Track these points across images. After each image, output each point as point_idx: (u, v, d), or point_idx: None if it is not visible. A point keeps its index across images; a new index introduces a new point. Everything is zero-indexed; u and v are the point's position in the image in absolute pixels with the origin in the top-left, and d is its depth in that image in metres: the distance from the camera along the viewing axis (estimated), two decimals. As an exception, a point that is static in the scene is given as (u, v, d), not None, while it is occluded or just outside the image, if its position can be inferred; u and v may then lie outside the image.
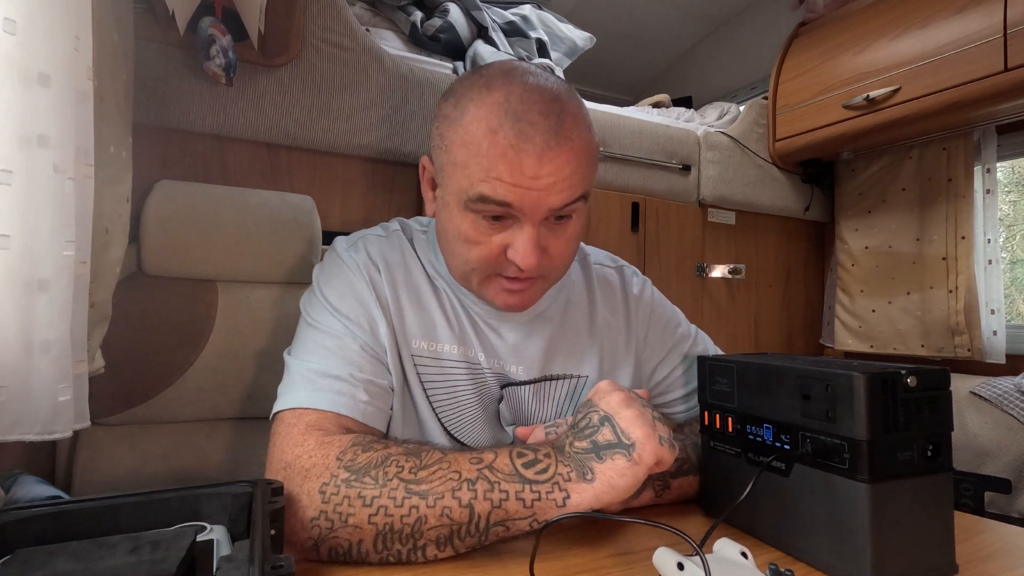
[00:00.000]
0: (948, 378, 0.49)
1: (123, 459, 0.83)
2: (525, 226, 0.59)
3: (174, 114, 0.97)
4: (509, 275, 0.62)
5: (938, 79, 1.35)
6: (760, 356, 0.63)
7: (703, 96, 2.21)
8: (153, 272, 0.86)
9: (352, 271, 0.67)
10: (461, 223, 0.61)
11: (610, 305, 0.79)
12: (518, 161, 0.56)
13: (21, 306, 0.50)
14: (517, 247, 0.59)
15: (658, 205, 1.60)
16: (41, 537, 0.42)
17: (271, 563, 0.36)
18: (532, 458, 0.51)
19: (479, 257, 0.62)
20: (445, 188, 0.62)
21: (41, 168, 0.50)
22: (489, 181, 0.57)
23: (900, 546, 0.47)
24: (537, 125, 0.57)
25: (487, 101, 0.58)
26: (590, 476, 0.49)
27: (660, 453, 0.49)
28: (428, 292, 0.69)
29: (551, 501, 0.49)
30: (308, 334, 0.64)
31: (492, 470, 0.50)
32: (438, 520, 0.48)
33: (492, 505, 0.49)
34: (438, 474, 0.50)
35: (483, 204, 0.58)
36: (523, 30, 1.42)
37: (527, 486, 0.49)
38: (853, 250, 1.82)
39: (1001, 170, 1.75)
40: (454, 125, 0.60)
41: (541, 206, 0.58)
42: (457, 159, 0.59)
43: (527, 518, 0.49)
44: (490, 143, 0.57)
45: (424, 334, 0.67)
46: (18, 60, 0.48)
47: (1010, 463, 1.41)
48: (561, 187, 0.58)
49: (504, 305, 0.66)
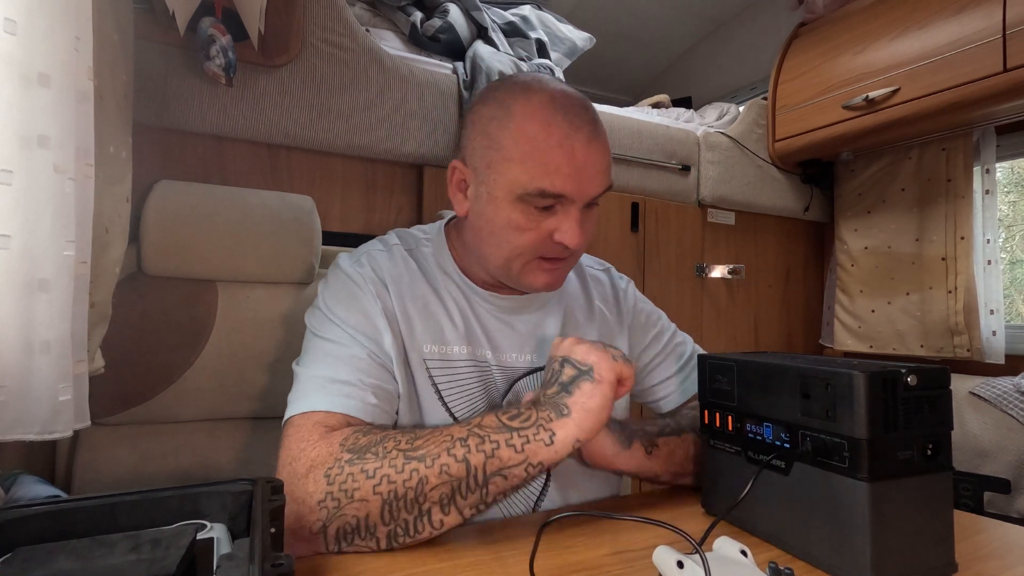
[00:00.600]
0: (948, 377, 0.49)
1: (123, 459, 0.83)
2: (571, 210, 0.66)
3: (174, 114, 0.97)
4: (551, 256, 0.68)
5: (937, 79, 1.35)
6: (760, 355, 0.63)
7: (703, 96, 2.22)
8: (153, 272, 0.86)
9: (357, 285, 0.69)
10: (511, 214, 0.66)
11: (603, 298, 0.85)
12: (571, 149, 0.63)
13: (21, 306, 0.50)
14: (565, 230, 0.66)
15: (658, 205, 1.60)
16: (41, 536, 0.42)
17: (271, 561, 0.36)
18: (515, 412, 0.56)
19: (528, 242, 0.67)
20: (492, 183, 0.66)
21: (41, 168, 0.50)
22: (548, 175, 0.63)
23: (900, 544, 0.47)
24: (582, 118, 0.65)
25: (534, 101, 0.65)
26: (566, 411, 0.54)
27: (617, 367, 0.56)
28: (434, 299, 0.72)
29: (539, 442, 0.53)
30: (315, 344, 0.66)
31: (481, 427, 0.55)
32: (438, 479, 0.52)
33: (486, 456, 0.52)
34: (432, 439, 0.54)
35: (541, 198, 0.64)
36: (523, 30, 1.43)
37: (514, 433, 0.54)
38: (852, 250, 1.83)
39: (1000, 170, 1.75)
40: (502, 123, 0.66)
41: (587, 192, 0.66)
42: (512, 155, 0.64)
43: (521, 463, 0.53)
44: (546, 135, 0.63)
45: (433, 338, 0.70)
46: (18, 60, 0.49)
47: (1009, 463, 1.41)
48: (602, 175, 0.67)
49: (545, 284, 0.70)
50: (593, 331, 0.81)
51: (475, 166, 0.69)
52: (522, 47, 1.40)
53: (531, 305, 0.76)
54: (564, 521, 0.60)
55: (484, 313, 0.74)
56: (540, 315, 0.77)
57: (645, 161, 1.56)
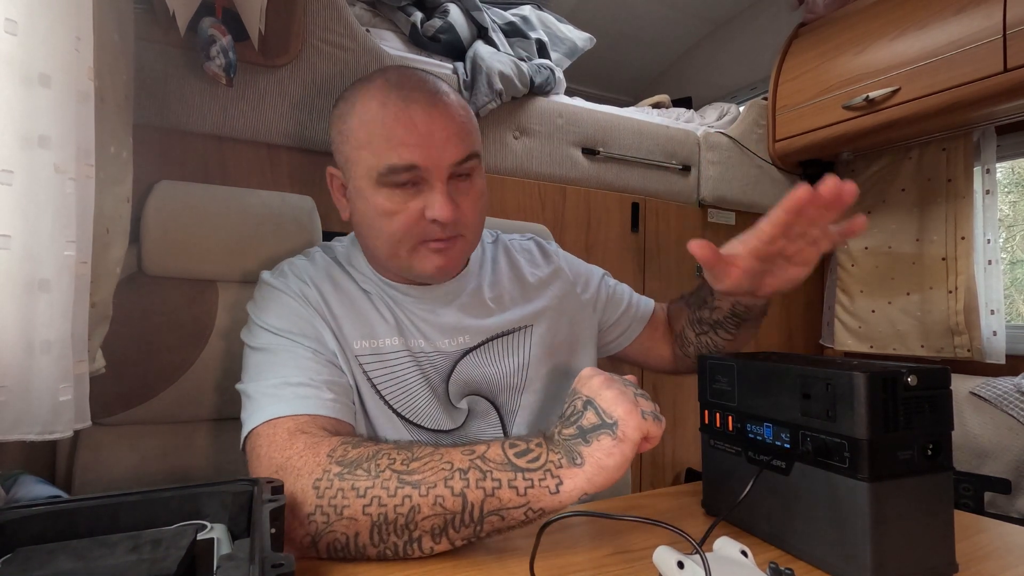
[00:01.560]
0: (948, 377, 0.49)
1: (123, 459, 0.83)
2: (435, 183, 0.65)
3: (174, 114, 0.97)
4: (432, 238, 0.67)
5: (938, 80, 1.35)
6: (760, 355, 0.63)
7: (703, 96, 2.21)
8: (153, 272, 0.86)
9: (284, 292, 0.69)
10: (376, 200, 0.66)
11: (533, 265, 0.85)
12: (410, 120, 0.64)
13: (22, 306, 0.50)
14: (432, 204, 0.65)
15: (658, 205, 1.60)
16: (42, 536, 0.42)
17: (271, 561, 0.36)
18: (523, 448, 0.51)
19: (401, 226, 0.66)
20: (355, 176, 0.67)
21: (42, 168, 0.50)
22: (393, 149, 0.63)
23: (900, 545, 0.47)
24: (418, 89, 0.66)
25: (370, 87, 0.67)
26: (579, 460, 0.50)
27: (644, 427, 0.50)
28: (360, 296, 0.72)
29: (544, 488, 0.49)
30: (255, 358, 0.65)
31: (484, 460, 0.50)
32: (431, 509, 0.49)
33: (485, 494, 0.49)
34: (430, 464, 0.50)
35: (393, 174, 0.64)
36: (523, 31, 1.43)
37: (519, 474, 0.50)
38: (853, 250, 1.83)
39: (1001, 170, 1.75)
40: (347, 117, 0.68)
41: (443, 161, 0.65)
42: (359, 141, 0.66)
43: (521, 507, 0.49)
44: (383, 113, 0.64)
45: (363, 334, 0.69)
46: (19, 60, 0.49)
47: (1010, 463, 1.41)
48: (455, 141, 0.65)
49: (435, 268, 0.68)
50: (530, 299, 0.80)
51: (340, 163, 0.71)
52: (522, 47, 1.40)
53: (448, 293, 0.75)
54: (564, 521, 0.60)
55: (410, 306, 0.73)
56: (460, 300, 0.75)
57: (645, 161, 1.56)
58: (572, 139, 1.45)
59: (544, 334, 0.79)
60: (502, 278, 0.81)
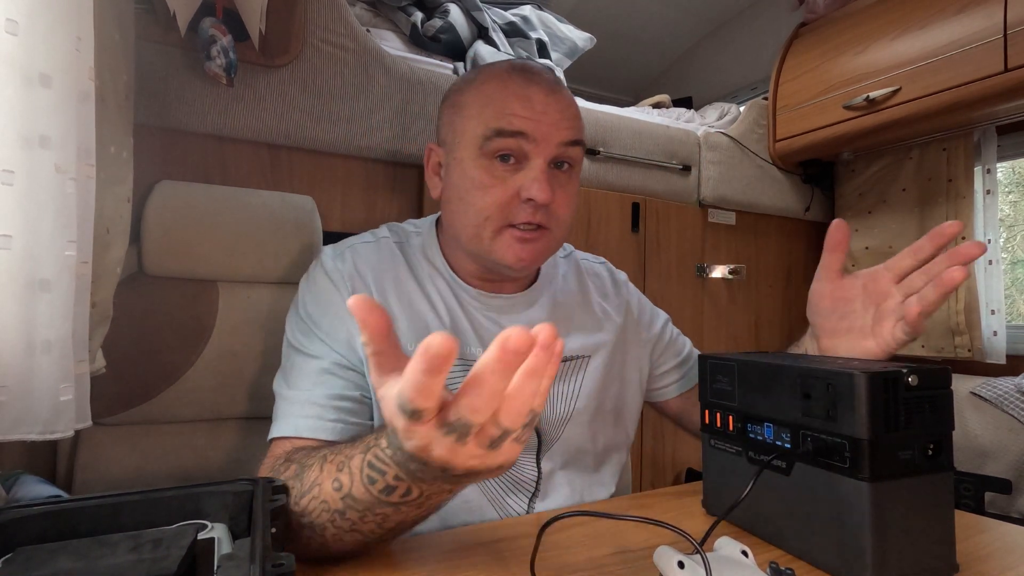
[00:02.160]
0: (949, 377, 0.49)
1: (124, 459, 0.83)
2: (536, 160, 0.65)
3: (175, 114, 0.97)
4: (521, 220, 0.65)
5: (938, 79, 1.35)
6: (761, 355, 0.63)
7: (703, 96, 2.21)
8: (154, 272, 0.86)
9: (335, 284, 0.68)
10: (475, 172, 0.66)
11: (601, 292, 0.84)
12: (528, 98, 0.65)
13: (23, 306, 0.50)
14: (530, 183, 0.64)
15: (658, 205, 1.60)
16: (42, 536, 0.42)
17: (272, 561, 0.36)
18: (384, 485, 0.43)
19: (494, 202, 0.65)
20: (457, 147, 0.68)
21: (43, 168, 0.50)
22: (505, 116, 0.64)
23: (901, 545, 0.47)
24: (541, 75, 0.68)
25: (495, 69, 0.69)
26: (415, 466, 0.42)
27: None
28: (419, 296, 0.70)
29: (420, 502, 0.44)
30: (290, 358, 0.67)
31: (353, 499, 0.45)
32: (336, 544, 0.48)
33: (377, 524, 0.46)
34: (312, 504, 0.47)
35: (499, 139, 0.64)
36: (523, 31, 1.43)
37: (393, 508, 0.44)
38: (853, 251, 1.82)
39: (1001, 170, 1.75)
40: (464, 90, 0.69)
41: (551, 136, 0.65)
42: (472, 111, 0.67)
43: (425, 513, 0.46)
44: (502, 90, 0.66)
45: (418, 337, 0.68)
46: (20, 60, 0.49)
47: (1010, 463, 1.41)
48: (567, 124, 0.66)
49: (515, 257, 0.66)
50: (590, 329, 0.78)
51: (444, 139, 0.71)
52: (522, 47, 1.40)
53: (521, 304, 0.74)
54: (565, 521, 0.59)
55: (473, 311, 0.72)
56: (531, 313, 0.75)
57: (646, 161, 1.56)
58: (572, 139, 1.45)
59: (599, 368, 0.77)
60: (570, 298, 0.79)
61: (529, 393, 0.34)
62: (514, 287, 0.75)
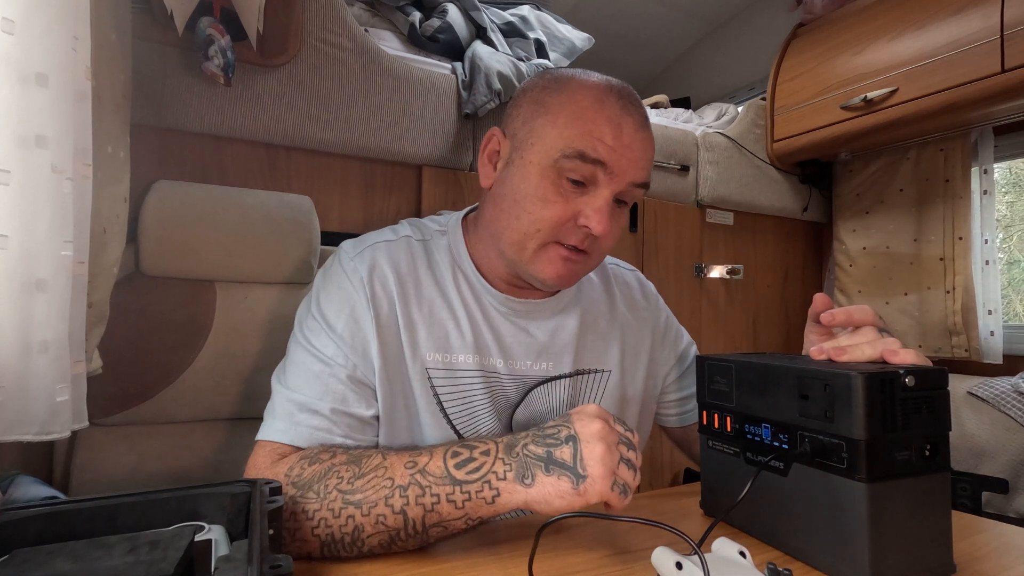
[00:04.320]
0: (946, 378, 0.49)
1: (121, 459, 0.83)
2: (602, 191, 0.63)
3: (172, 114, 0.97)
4: (570, 243, 0.64)
5: (935, 80, 1.35)
6: (759, 356, 0.63)
7: (701, 97, 2.22)
8: (151, 272, 0.86)
9: (354, 285, 0.65)
10: (541, 182, 0.63)
11: (628, 302, 0.81)
12: (620, 127, 0.63)
13: (19, 306, 0.50)
14: (592, 213, 0.63)
15: (656, 205, 1.60)
16: (39, 537, 0.41)
17: (269, 563, 0.36)
18: (466, 456, 0.52)
19: (551, 217, 0.63)
20: (530, 148, 0.64)
21: (39, 168, 0.50)
22: (591, 140, 0.62)
23: (898, 545, 0.47)
24: (637, 107, 0.66)
25: (591, 80, 0.66)
26: (529, 481, 0.50)
27: (608, 496, 0.49)
28: (441, 305, 0.68)
29: (481, 499, 0.50)
30: (297, 355, 0.64)
31: (424, 474, 0.51)
32: (374, 528, 0.50)
33: (425, 510, 0.50)
34: (373, 482, 0.51)
35: (578, 161, 0.62)
36: (521, 31, 1.43)
37: (457, 487, 0.50)
38: (851, 251, 1.83)
39: (998, 171, 1.75)
40: (556, 92, 0.65)
41: (627, 173, 0.63)
42: (558, 119, 0.63)
43: (460, 517, 0.51)
44: (597, 109, 0.63)
45: (437, 347, 0.66)
46: (16, 60, 0.48)
47: (1007, 463, 1.41)
48: (645, 164, 0.65)
49: (555, 275, 0.65)
50: (614, 339, 0.76)
51: (515, 132, 0.67)
52: (521, 47, 1.40)
53: (548, 310, 0.72)
54: (563, 522, 0.60)
55: (497, 317, 0.70)
56: (558, 319, 0.73)
57: (644, 161, 1.56)
58: (571, 139, 1.45)
59: (619, 383, 0.76)
60: (598, 307, 0.78)
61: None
62: (541, 293, 0.73)
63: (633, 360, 0.78)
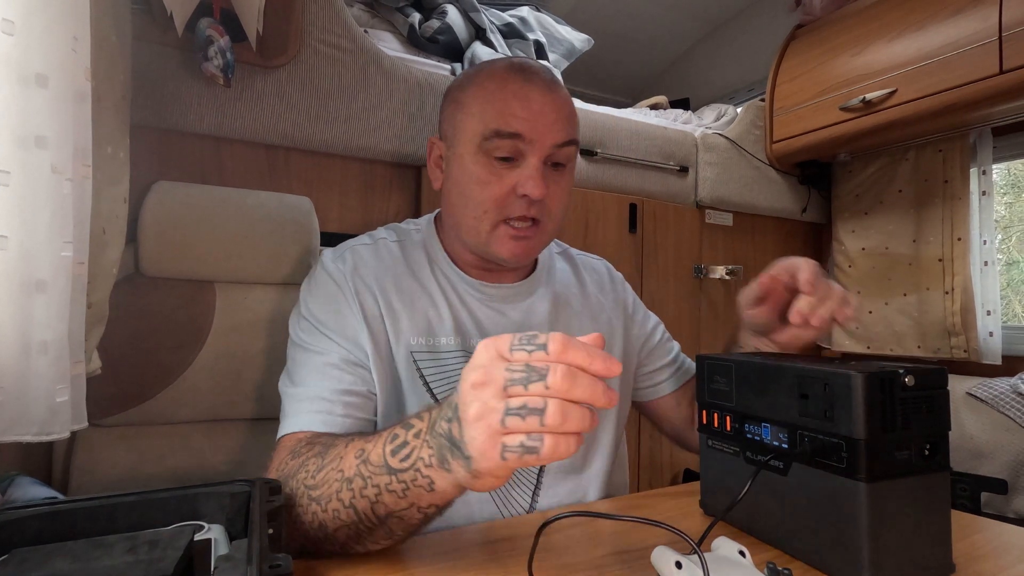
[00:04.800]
0: (946, 377, 0.49)
1: (120, 460, 0.83)
2: (530, 160, 0.68)
3: (172, 115, 0.97)
4: (517, 214, 0.69)
5: (934, 81, 1.35)
6: (758, 355, 0.63)
7: (701, 98, 2.22)
8: (151, 273, 0.86)
9: (337, 284, 0.70)
10: (474, 167, 0.69)
11: (598, 285, 0.86)
12: (526, 97, 0.68)
13: (19, 307, 0.50)
14: (526, 180, 0.67)
15: (656, 206, 1.60)
16: (38, 537, 0.41)
17: (269, 562, 0.36)
18: (401, 440, 0.45)
19: (492, 195, 0.68)
20: (459, 142, 0.71)
21: (39, 169, 0.50)
22: (503, 117, 0.67)
23: (897, 545, 0.47)
24: (539, 75, 0.70)
25: (496, 66, 0.72)
26: (447, 467, 0.42)
27: (506, 467, 0.38)
28: (420, 293, 0.73)
29: (419, 488, 0.44)
30: (296, 356, 0.68)
31: (366, 464, 0.47)
32: (334, 523, 0.49)
33: (370, 501, 0.46)
34: (329, 475, 0.49)
35: (497, 139, 0.67)
36: (521, 32, 1.43)
37: (393, 477, 0.45)
38: (850, 251, 1.83)
39: (997, 172, 1.75)
40: (466, 87, 0.72)
41: (547, 137, 0.68)
42: (472, 108, 0.70)
43: (409, 507, 0.46)
44: (502, 88, 0.68)
45: (420, 331, 0.70)
46: (16, 60, 0.48)
47: (1006, 464, 1.42)
48: (562, 124, 0.69)
49: (511, 253, 0.70)
50: (587, 318, 0.81)
51: (446, 133, 0.74)
52: (520, 48, 1.40)
53: (521, 293, 0.77)
54: (563, 521, 0.59)
55: (473, 302, 0.74)
56: (531, 301, 0.78)
57: (643, 162, 1.56)
58: (570, 140, 1.45)
59: None
60: (569, 290, 0.82)
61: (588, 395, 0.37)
62: (513, 276, 0.78)
63: (608, 338, 0.81)
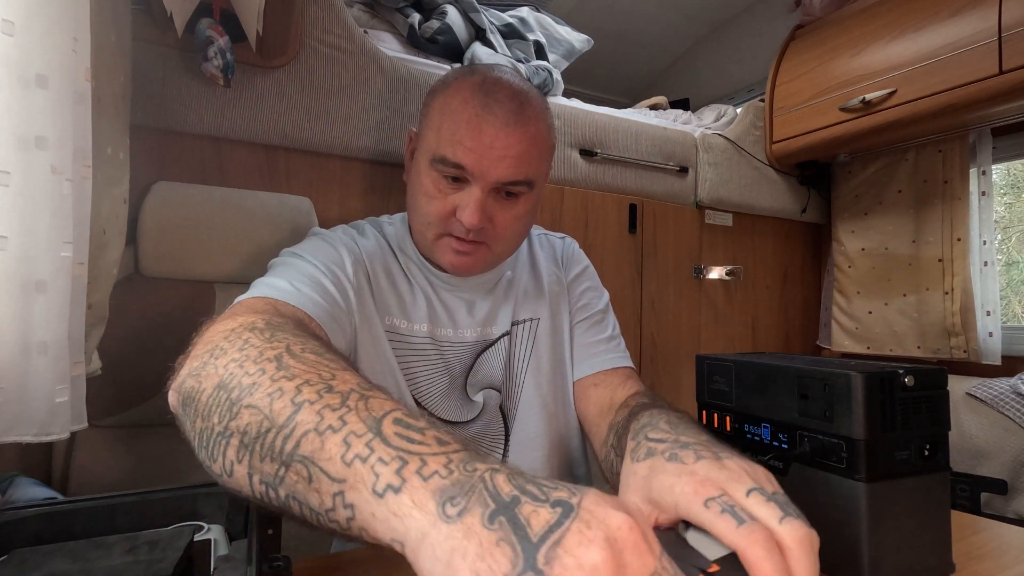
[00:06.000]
0: (945, 377, 0.49)
1: (120, 461, 0.83)
2: (473, 189, 0.66)
3: (172, 115, 0.97)
4: (456, 234, 0.69)
5: (934, 82, 1.35)
6: (758, 355, 0.63)
7: (700, 98, 2.22)
8: (150, 274, 0.86)
9: (334, 241, 0.71)
10: (425, 179, 0.69)
11: (550, 257, 0.86)
12: (479, 128, 0.65)
13: (19, 307, 0.50)
14: (464, 207, 0.66)
15: (655, 207, 1.60)
16: (38, 537, 0.41)
17: (268, 562, 0.36)
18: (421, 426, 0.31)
19: (434, 211, 0.68)
20: (419, 149, 0.71)
21: (39, 169, 0.50)
22: (452, 145, 0.65)
23: (897, 545, 0.47)
24: (502, 104, 0.66)
25: (467, 81, 0.69)
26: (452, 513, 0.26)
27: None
28: (400, 275, 0.74)
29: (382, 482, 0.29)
30: (273, 266, 0.66)
31: (348, 404, 0.33)
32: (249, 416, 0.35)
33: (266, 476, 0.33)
34: (231, 368, 0.41)
35: (442, 165, 0.66)
36: (521, 32, 1.43)
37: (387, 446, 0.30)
38: (849, 252, 1.83)
39: (996, 172, 1.76)
40: (437, 95, 0.71)
41: (489, 173, 0.66)
42: (433, 121, 0.69)
43: (331, 491, 0.30)
44: (460, 111, 0.66)
45: (398, 312, 0.72)
46: (16, 61, 0.49)
47: (1006, 464, 1.42)
48: (510, 163, 0.66)
49: (451, 265, 0.71)
50: (542, 290, 0.80)
51: (418, 132, 0.74)
52: (520, 49, 1.41)
53: (486, 282, 0.78)
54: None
55: (445, 293, 0.76)
56: (494, 288, 0.78)
57: (643, 163, 1.56)
58: (570, 140, 1.45)
59: (550, 328, 0.80)
60: (521, 273, 0.83)
61: None
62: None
63: (558, 305, 0.82)
